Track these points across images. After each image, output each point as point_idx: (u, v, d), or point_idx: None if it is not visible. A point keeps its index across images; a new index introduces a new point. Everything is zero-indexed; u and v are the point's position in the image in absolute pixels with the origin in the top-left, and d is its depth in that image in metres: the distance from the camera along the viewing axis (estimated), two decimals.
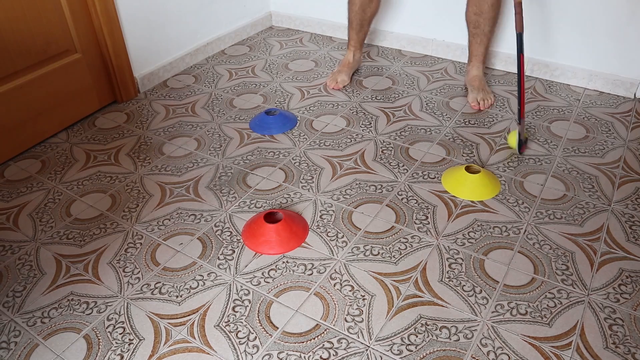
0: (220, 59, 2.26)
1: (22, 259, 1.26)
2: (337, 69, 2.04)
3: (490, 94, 1.86)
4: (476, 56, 1.88)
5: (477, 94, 1.84)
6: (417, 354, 1.01)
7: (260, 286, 1.17)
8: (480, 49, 1.86)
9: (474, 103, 1.82)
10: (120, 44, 1.84)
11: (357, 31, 1.98)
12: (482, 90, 1.86)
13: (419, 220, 1.34)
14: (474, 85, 1.87)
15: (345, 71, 2.01)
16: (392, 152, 1.61)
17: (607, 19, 1.80)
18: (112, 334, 1.07)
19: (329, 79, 2.01)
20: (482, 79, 1.90)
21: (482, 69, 1.91)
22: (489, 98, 1.84)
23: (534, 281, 1.16)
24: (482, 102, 1.83)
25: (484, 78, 1.93)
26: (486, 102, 1.83)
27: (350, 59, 2.03)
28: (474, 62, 1.90)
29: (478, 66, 1.90)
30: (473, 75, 1.90)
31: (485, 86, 1.89)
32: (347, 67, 2.02)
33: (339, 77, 2.00)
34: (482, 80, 1.89)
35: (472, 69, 1.91)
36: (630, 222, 1.32)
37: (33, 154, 1.65)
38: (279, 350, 1.03)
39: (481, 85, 1.87)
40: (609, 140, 1.64)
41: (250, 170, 1.55)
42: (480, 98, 1.83)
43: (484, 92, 1.86)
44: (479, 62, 1.89)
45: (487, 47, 1.86)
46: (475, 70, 1.90)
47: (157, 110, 1.88)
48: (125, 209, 1.41)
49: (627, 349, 1.01)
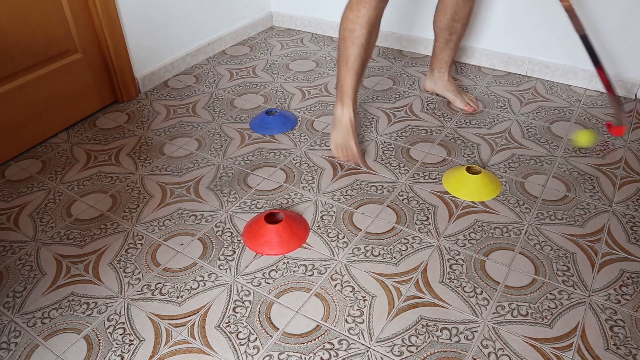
0: (221, 59, 2.26)
1: (23, 260, 1.26)
2: (340, 135, 1.53)
3: (469, 94, 1.87)
4: (447, 62, 1.80)
5: (462, 97, 1.83)
6: (418, 355, 1.01)
7: (260, 287, 1.17)
8: (452, 54, 1.79)
9: (467, 107, 1.81)
10: (121, 44, 1.84)
11: (359, 76, 1.49)
12: (462, 92, 1.85)
13: (420, 221, 1.34)
14: (452, 89, 1.84)
15: (353, 136, 1.52)
16: (392, 153, 1.61)
17: (608, 20, 1.80)
18: (113, 334, 1.07)
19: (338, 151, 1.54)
20: (454, 81, 1.88)
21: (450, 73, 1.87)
22: (472, 97, 1.85)
23: (535, 282, 1.16)
24: (471, 102, 1.83)
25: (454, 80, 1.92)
26: (473, 101, 1.83)
27: (352, 118, 1.51)
28: (445, 68, 1.82)
29: (449, 72, 1.84)
30: (445, 80, 1.84)
31: (459, 87, 1.88)
32: (352, 130, 1.52)
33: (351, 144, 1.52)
34: (455, 83, 1.86)
35: (442, 75, 1.83)
36: (631, 223, 1.32)
37: (34, 154, 1.65)
38: (280, 351, 1.02)
39: (457, 87, 1.86)
40: (610, 141, 1.64)
41: (250, 171, 1.55)
42: (468, 99, 1.83)
43: (464, 93, 1.86)
44: (449, 67, 1.83)
45: (456, 52, 1.80)
46: (446, 75, 1.84)
47: (157, 111, 1.88)
48: (125, 209, 1.41)
49: (628, 350, 1.01)
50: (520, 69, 2.06)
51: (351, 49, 1.43)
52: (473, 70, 2.10)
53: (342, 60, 1.47)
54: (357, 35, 1.41)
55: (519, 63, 2.05)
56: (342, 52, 1.46)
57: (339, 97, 1.52)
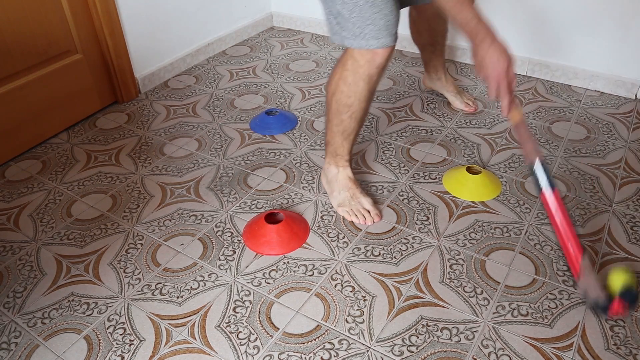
0: (221, 60, 2.26)
1: (23, 260, 1.26)
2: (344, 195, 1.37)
3: (467, 94, 1.87)
4: (441, 64, 1.81)
5: (461, 97, 1.83)
6: (418, 355, 1.01)
7: (261, 287, 1.17)
8: (442, 58, 1.79)
9: (467, 107, 1.82)
10: (121, 45, 1.84)
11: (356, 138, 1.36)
12: (461, 92, 1.85)
13: (420, 221, 1.34)
14: (452, 90, 1.84)
15: (359, 190, 1.38)
16: (393, 153, 1.61)
17: (608, 20, 1.80)
18: (113, 334, 1.07)
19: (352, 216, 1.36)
20: (453, 81, 1.87)
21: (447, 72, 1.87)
22: (471, 97, 1.85)
23: (535, 282, 1.16)
24: (471, 102, 1.83)
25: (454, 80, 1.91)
26: (472, 101, 1.84)
27: (351, 174, 1.38)
28: (441, 69, 1.82)
29: (446, 71, 1.84)
30: (444, 81, 1.84)
31: (459, 87, 1.88)
32: (355, 184, 1.38)
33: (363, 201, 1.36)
34: (454, 83, 1.86)
35: (440, 76, 1.84)
36: (631, 223, 1.32)
37: (34, 155, 1.65)
38: (280, 351, 1.02)
39: (457, 88, 1.85)
40: (610, 141, 1.64)
41: (251, 171, 1.55)
42: (467, 99, 1.83)
43: (463, 93, 1.86)
44: (445, 68, 1.83)
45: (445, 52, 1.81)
46: (443, 76, 1.84)
47: (158, 111, 1.88)
48: (126, 209, 1.41)
49: (629, 350, 1.01)
50: (520, 69, 2.06)
51: (348, 123, 1.28)
52: (473, 70, 2.10)
53: (337, 129, 1.30)
54: (355, 110, 1.25)
55: (519, 63, 2.05)
56: (337, 122, 1.29)
57: (331, 158, 1.37)
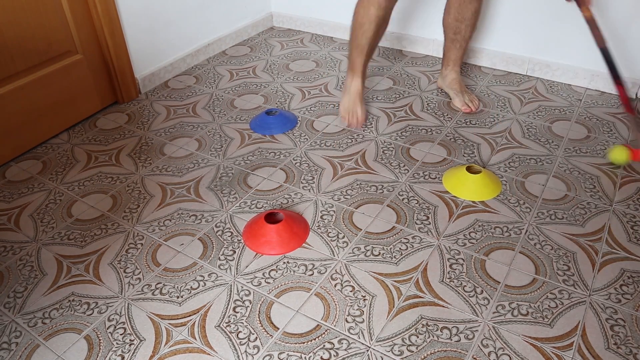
0: (221, 60, 2.26)
1: (23, 260, 1.26)
2: (350, 100, 1.74)
3: (473, 95, 1.86)
4: (454, 60, 1.84)
5: (462, 96, 1.83)
6: (418, 354, 1.01)
7: (260, 287, 1.17)
8: (459, 54, 1.82)
9: (464, 107, 1.81)
10: (121, 45, 1.84)
11: (369, 56, 1.71)
12: (465, 92, 1.85)
13: (420, 220, 1.34)
14: (456, 88, 1.85)
15: (360, 102, 1.74)
16: (393, 153, 1.61)
17: (608, 19, 1.80)
18: (113, 334, 1.07)
19: (347, 115, 1.74)
20: (461, 81, 1.88)
21: (459, 72, 1.89)
22: (474, 98, 1.84)
23: (535, 282, 1.16)
24: (470, 103, 1.81)
25: (462, 80, 1.91)
26: (474, 102, 1.82)
27: (360, 87, 1.74)
28: (452, 66, 1.85)
29: (457, 70, 1.86)
30: (452, 78, 1.86)
31: (465, 88, 1.88)
32: (360, 96, 1.74)
33: (358, 109, 1.73)
34: (461, 83, 1.87)
35: (450, 72, 1.86)
36: (631, 223, 1.32)
37: (34, 155, 1.66)
38: (280, 351, 1.03)
39: (462, 87, 1.86)
40: (610, 140, 1.64)
41: (251, 171, 1.55)
42: (468, 100, 1.82)
43: (468, 93, 1.85)
44: (458, 66, 1.86)
45: (465, 51, 1.84)
46: (454, 73, 1.86)
47: (158, 111, 1.88)
48: (126, 209, 1.41)
49: (629, 350, 1.01)
50: (520, 68, 2.06)
51: (361, 39, 1.64)
52: (473, 69, 2.10)
53: (354, 44, 1.68)
54: (366, 29, 1.61)
55: (519, 62, 2.05)
56: (354, 38, 1.66)
57: (350, 70, 1.73)
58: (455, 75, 1.86)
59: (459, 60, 1.84)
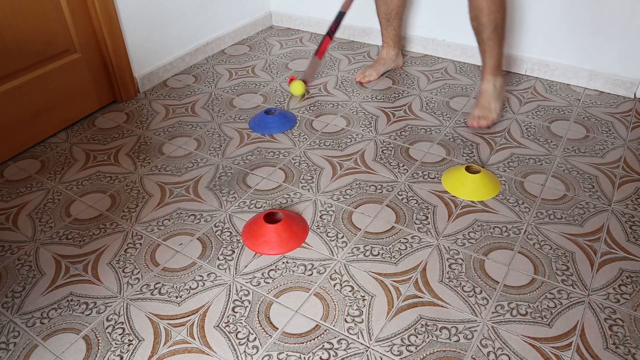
0: (220, 59, 2.26)
1: (22, 260, 1.26)
2: (371, 65, 2.05)
3: (491, 112, 1.69)
4: (483, 67, 1.71)
5: (476, 110, 1.71)
6: (417, 354, 1.01)
7: (260, 287, 1.17)
8: (485, 59, 1.67)
9: (470, 120, 1.70)
10: (120, 44, 1.84)
11: (384, 27, 1.97)
12: (483, 107, 1.70)
13: (419, 220, 1.34)
14: (478, 100, 1.73)
15: (375, 67, 2.02)
16: (392, 152, 1.61)
17: (607, 19, 1.80)
18: (112, 334, 1.07)
19: (359, 72, 2.04)
20: (488, 93, 1.71)
21: (492, 81, 1.70)
22: (487, 116, 1.69)
23: (534, 281, 1.16)
24: (478, 120, 1.69)
25: (493, 92, 1.71)
26: (482, 120, 1.68)
27: (383, 55, 2.03)
28: (482, 74, 1.72)
29: (487, 79, 1.70)
30: (480, 88, 1.74)
31: (491, 102, 1.70)
32: (378, 63, 2.03)
33: (367, 71, 2.01)
34: (486, 95, 1.71)
35: (481, 81, 1.73)
36: (630, 222, 1.32)
37: (32, 154, 1.65)
38: (279, 351, 1.02)
39: (484, 100, 1.71)
40: (609, 140, 1.64)
41: (250, 170, 1.55)
42: (477, 115, 1.70)
43: (485, 109, 1.70)
44: (487, 74, 1.70)
45: (494, 56, 1.65)
46: (483, 83, 1.72)
47: (156, 110, 1.88)
48: (124, 209, 1.41)
49: (627, 350, 1.01)
50: (519, 68, 2.06)
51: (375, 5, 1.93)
52: (472, 69, 2.10)
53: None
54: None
55: (518, 62, 2.05)
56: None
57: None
58: (484, 86, 1.71)
59: (487, 67, 1.69)
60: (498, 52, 1.66)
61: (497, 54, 1.66)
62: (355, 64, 2.17)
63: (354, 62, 2.20)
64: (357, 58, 2.23)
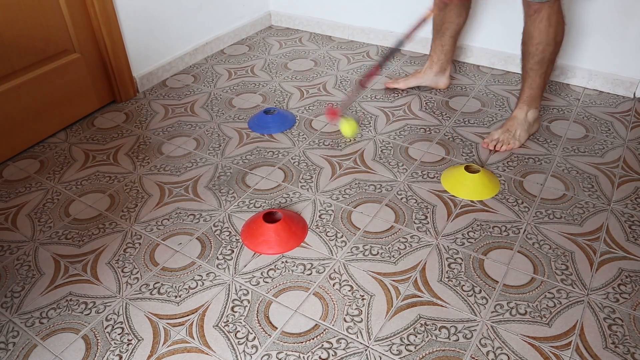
0: (220, 59, 2.25)
1: (21, 259, 1.26)
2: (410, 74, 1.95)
3: (514, 140, 1.58)
4: (520, 93, 1.61)
5: (499, 133, 1.60)
6: (417, 354, 1.01)
7: (259, 286, 1.17)
8: (524, 87, 1.57)
9: (486, 141, 1.60)
10: (119, 44, 1.84)
11: (433, 37, 1.83)
12: (507, 132, 1.59)
13: (419, 220, 1.34)
14: (505, 123, 1.62)
15: (407, 78, 1.92)
16: (391, 152, 1.61)
17: (607, 18, 1.80)
18: (111, 334, 1.07)
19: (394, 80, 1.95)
20: (517, 120, 1.59)
21: (525, 110, 1.59)
22: (508, 142, 1.58)
23: (534, 281, 1.16)
24: (496, 143, 1.58)
25: (523, 122, 1.59)
26: (500, 145, 1.58)
27: (423, 68, 1.91)
28: (518, 100, 1.62)
29: (520, 107, 1.60)
30: (512, 114, 1.63)
31: (517, 130, 1.59)
32: (413, 75, 1.92)
33: (401, 79, 1.94)
34: (515, 122, 1.59)
35: (515, 107, 1.63)
36: (629, 222, 1.32)
37: (32, 154, 1.65)
38: (278, 351, 1.02)
39: (511, 126, 1.59)
40: (608, 140, 1.64)
41: (249, 170, 1.54)
42: (497, 138, 1.59)
43: (509, 135, 1.58)
44: (522, 102, 1.59)
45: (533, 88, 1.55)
46: (516, 109, 1.61)
47: (156, 110, 1.88)
48: (124, 209, 1.41)
49: (627, 349, 1.01)
50: (519, 67, 2.05)
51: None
52: (472, 69, 2.10)
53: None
54: None
55: (517, 62, 2.05)
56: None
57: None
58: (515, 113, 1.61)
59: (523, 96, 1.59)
60: (539, 84, 1.55)
61: (537, 86, 1.55)
62: (354, 64, 2.17)
63: (353, 61, 2.20)
64: (356, 58, 2.23)
